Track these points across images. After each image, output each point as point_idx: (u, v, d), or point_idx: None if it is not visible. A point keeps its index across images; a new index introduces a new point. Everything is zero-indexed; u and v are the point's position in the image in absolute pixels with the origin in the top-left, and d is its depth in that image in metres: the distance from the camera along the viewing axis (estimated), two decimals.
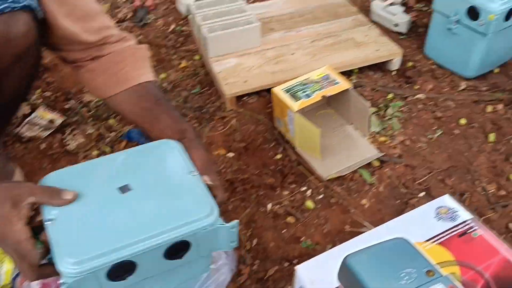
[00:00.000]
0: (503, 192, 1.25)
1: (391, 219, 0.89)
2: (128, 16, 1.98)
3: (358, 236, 0.84)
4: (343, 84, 1.33)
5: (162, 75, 1.66)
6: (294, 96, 1.31)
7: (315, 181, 1.28)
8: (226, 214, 1.19)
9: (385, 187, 1.26)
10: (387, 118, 1.46)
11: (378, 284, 0.73)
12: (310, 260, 0.77)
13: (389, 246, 0.81)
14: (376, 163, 1.32)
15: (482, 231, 0.83)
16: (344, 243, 0.80)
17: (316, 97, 1.30)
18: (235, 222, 0.65)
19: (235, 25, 1.60)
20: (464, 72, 1.62)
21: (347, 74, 1.61)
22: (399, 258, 0.78)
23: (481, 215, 1.20)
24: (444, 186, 1.27)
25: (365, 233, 0.86)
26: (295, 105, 1.28)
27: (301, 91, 1.32)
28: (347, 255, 0.78)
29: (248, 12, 1.64)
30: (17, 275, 1.00)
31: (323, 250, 1.09)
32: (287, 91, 1.33)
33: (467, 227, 0.84)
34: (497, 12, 1.42)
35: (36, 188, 0.64)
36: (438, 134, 1.42)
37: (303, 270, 0.75)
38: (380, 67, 1.66)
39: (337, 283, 0.74)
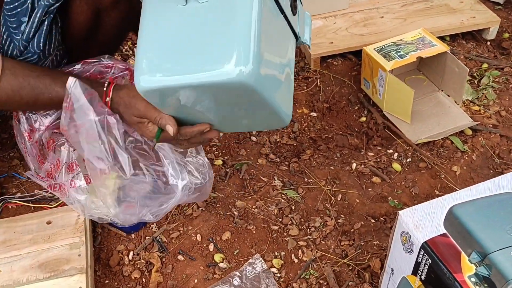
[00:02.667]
0: None
1: None
2: None
3: (462, 189, 0.80)
4: (440, 47, 1.27)
5: None
6: (387, 56, 1.26)
7: (402, 145, 1.23)
8: (310, 169, 1.17)
9: (478, 156, 1.20)
10: (481, 87, 1.38)
11: (486, 235, 0.69)
12: (414, 206, 0.74)
13: (497, 199, 0.76)
14: (469, 132, 1.25)
15: None
16: (448, 194, 0.77)
17: (411, 58, 1.24)
18: None
19: None
20: None
21: None
22: (507, 212, 0.73)
23: None
24: None
25: (469, 187, 0.82)
26: (388, 65, 1.23)
27: (395, 51, 1.27)
28: (454, 205, 0.75)
29: None
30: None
31: None
32: (379, 51, 1.28)
33: None
34: None
35: None
36: None
37: (407, 215, 0.72)
38: (474, 36, 1.57)
39: (442, 231, 0.71)
